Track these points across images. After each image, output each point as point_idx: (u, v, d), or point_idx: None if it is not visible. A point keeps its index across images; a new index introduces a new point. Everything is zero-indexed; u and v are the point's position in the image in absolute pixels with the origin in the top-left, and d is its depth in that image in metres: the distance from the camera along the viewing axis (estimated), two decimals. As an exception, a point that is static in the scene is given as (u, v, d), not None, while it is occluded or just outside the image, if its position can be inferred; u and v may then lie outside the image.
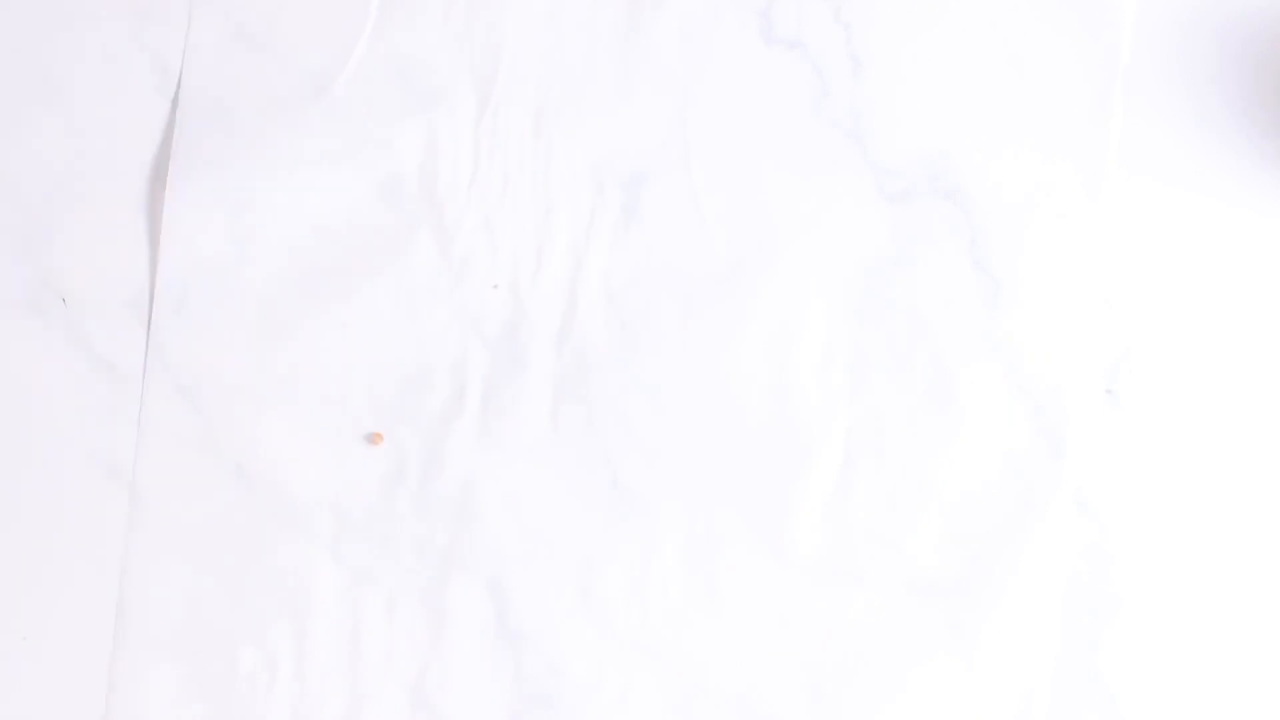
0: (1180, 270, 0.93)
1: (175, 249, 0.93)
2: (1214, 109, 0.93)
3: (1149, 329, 0.93)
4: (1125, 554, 0.93)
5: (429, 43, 0.93)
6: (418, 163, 0.93)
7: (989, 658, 0.93)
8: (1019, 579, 0.93)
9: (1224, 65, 0.93)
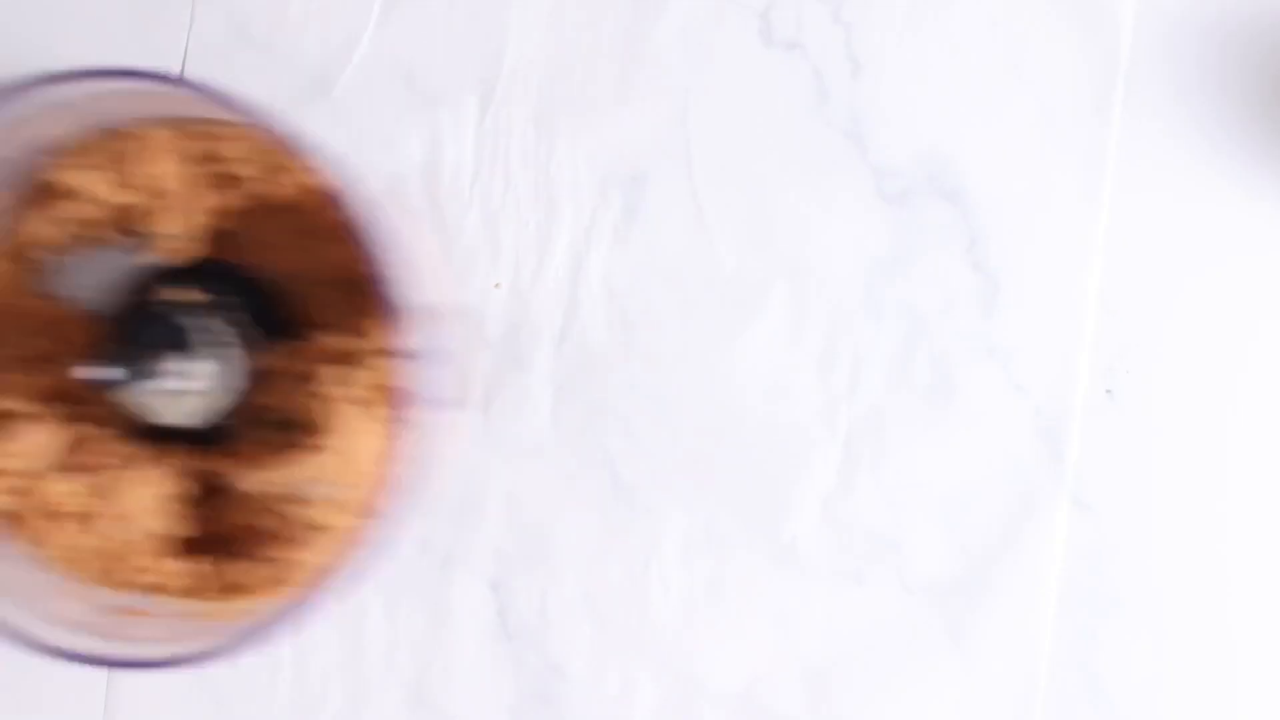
0: (1180, 270, 0.93)
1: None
2: (1215, 109, 0.93)
3: (1149, 329, 0.93)
4: (1124, 554, 0.93)
5: (431, 43, 0.93)
6: (420, 163, 0.94)
7: (987, 657, 0.93)
8: (1017, 579, 0.93)
9: (1225, 66, 0.93)
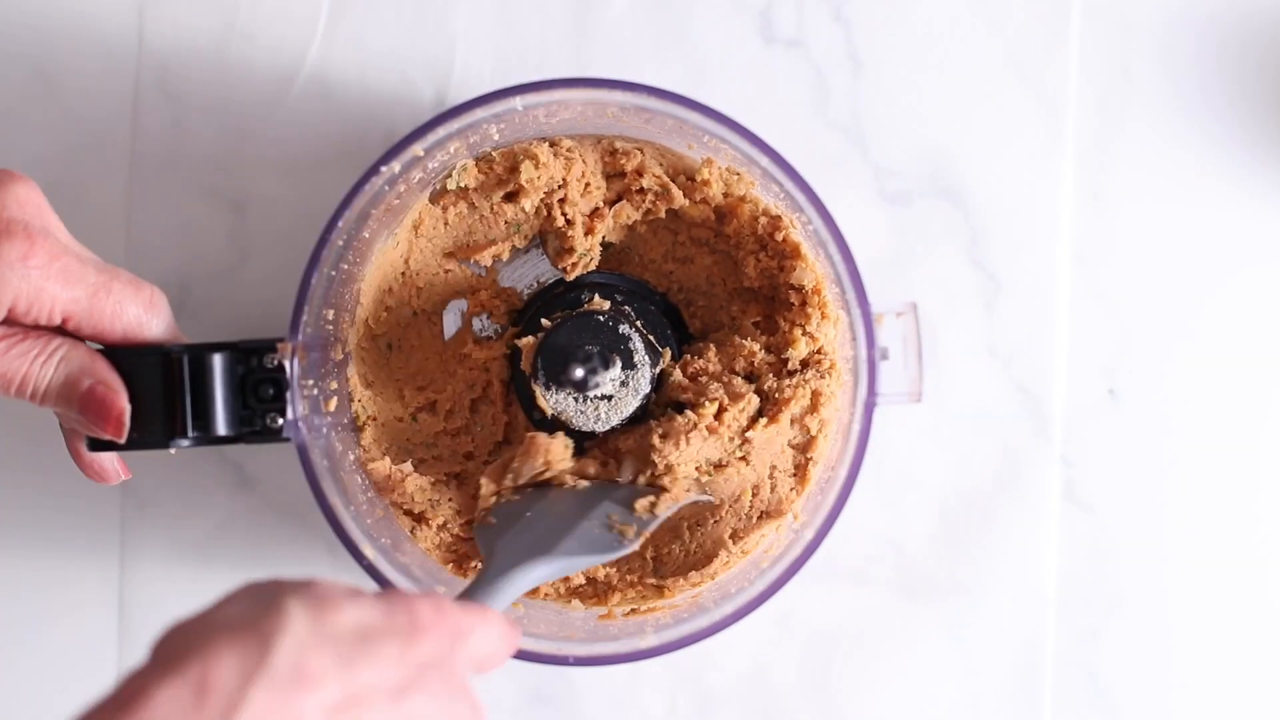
0: (1180, 270, 0.93)
1: (175, 247, 0.93)
2: (1215, 109, 0.93)
3: (1148, 329, 0.93)
4: (1125, 553, 0.93)
5: (383, 41, 0.93)
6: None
7: (987, 656, 0.93)
8: (1017, 578, 0.93)
9: (1225, 65, 0.93)
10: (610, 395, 0.83)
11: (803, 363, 0.85)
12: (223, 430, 0.79)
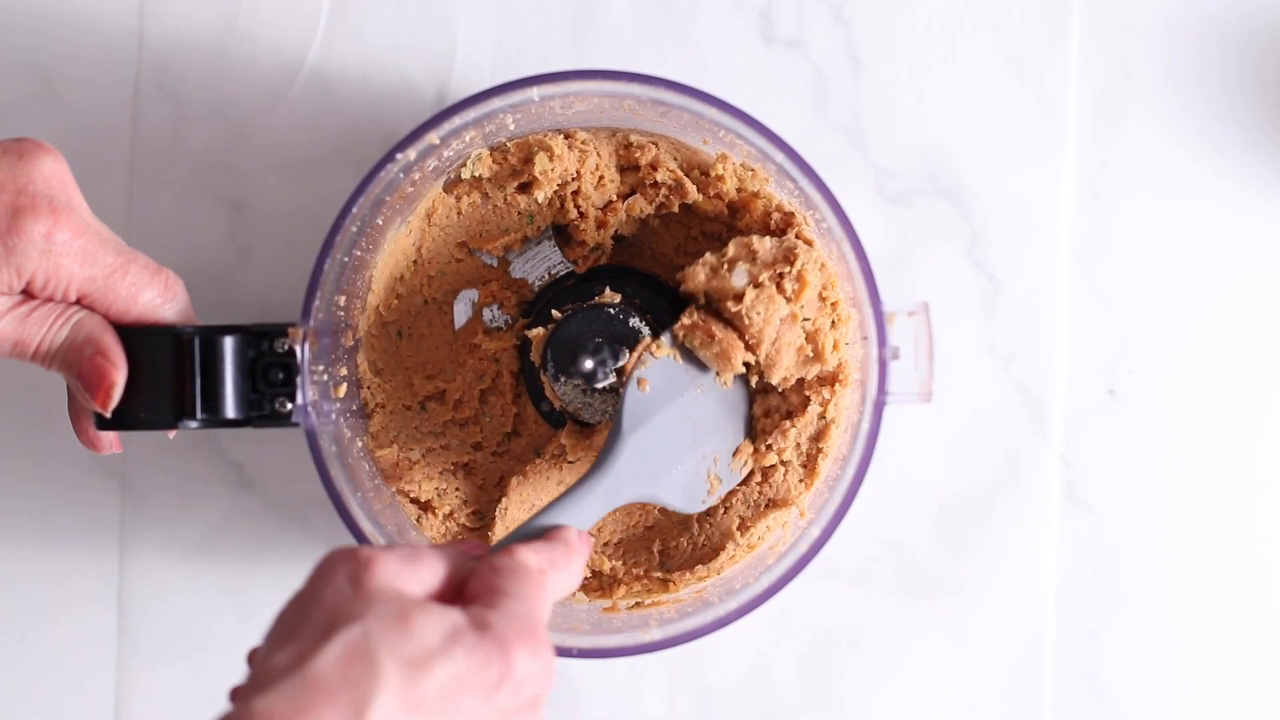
0: (1180, 270, 0.93)
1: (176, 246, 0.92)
2: (1215, 109, 0.93)
3: (1149, 329, 0.93)
4: (1125, 553, 0.93)
5: (384, 36, 0.93)
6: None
7: (987, 656, 0.93)
8: (1017, 577, 0.93)
9: (1225, 65, 0.93)
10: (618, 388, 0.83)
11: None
12: (231, 413, 0.78)
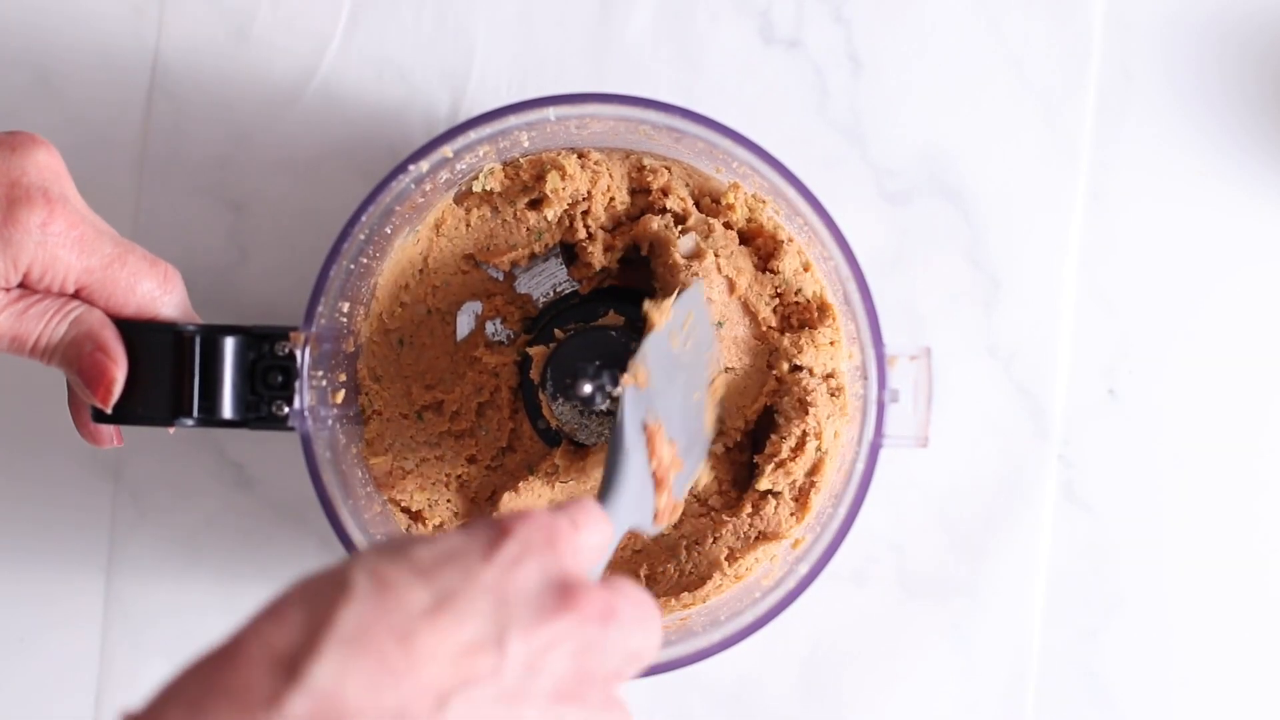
0: (1180, 270, 0.93)
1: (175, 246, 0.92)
2: (1215, 109, 0.93)
3: (1149, 329, 0.93)
4: (1125, 553, 0.93)
5: (401, 45, 0.93)
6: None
7: (987, 656, 0.93)
8: (1017, 578, 0.93)
9: (1225, 65, 0.93)
10: (606, 409, 0.83)
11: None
12: (228, 413, 0.78)
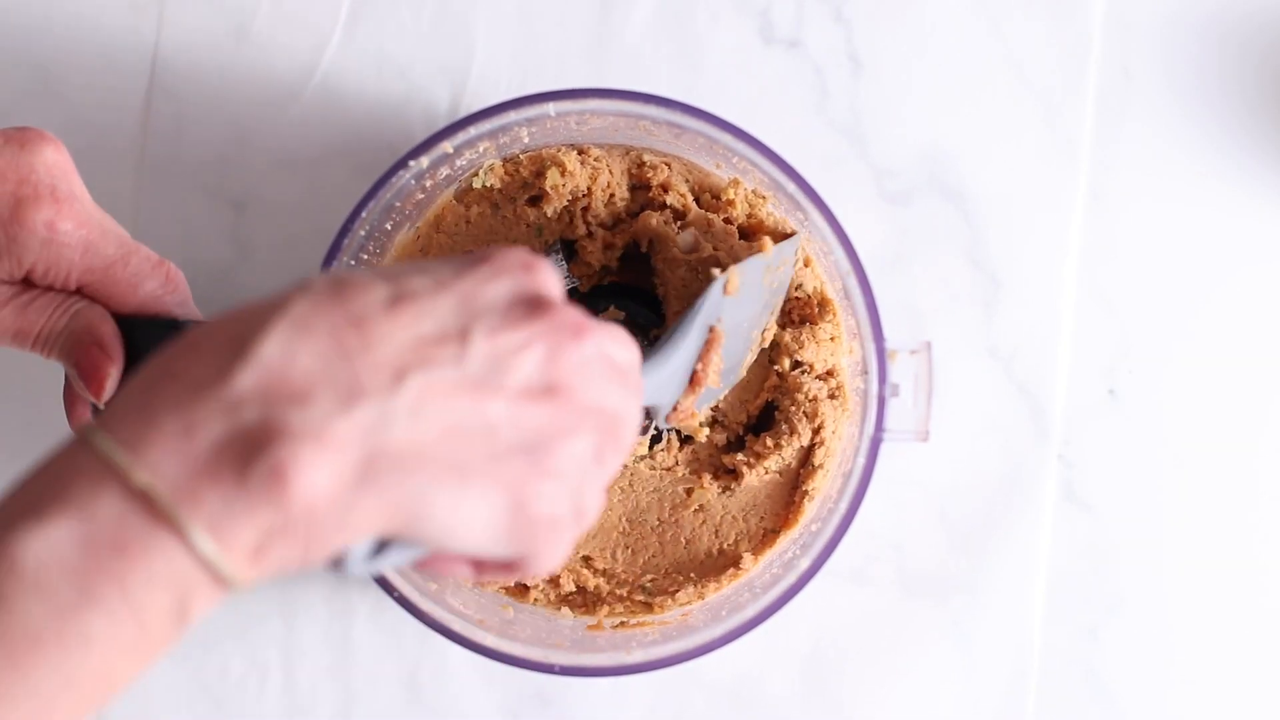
0: (1180, 270, 0.94)
1: (175, 246, 0.92)
2: (1215, 109, 0.93)
3: (1149, 329, 0.94)
4: (1125, 552, 0.94)
5: (401, 42, 0.92)
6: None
7: (987, 656, 0.93)
8: (1017, 577, 0.93)
9: (1225, 65, 0.93)
10: None
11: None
12: None
